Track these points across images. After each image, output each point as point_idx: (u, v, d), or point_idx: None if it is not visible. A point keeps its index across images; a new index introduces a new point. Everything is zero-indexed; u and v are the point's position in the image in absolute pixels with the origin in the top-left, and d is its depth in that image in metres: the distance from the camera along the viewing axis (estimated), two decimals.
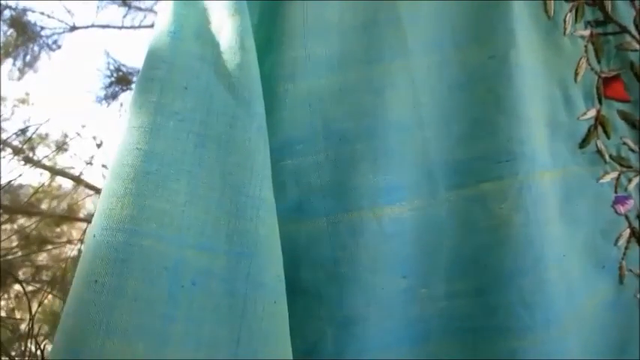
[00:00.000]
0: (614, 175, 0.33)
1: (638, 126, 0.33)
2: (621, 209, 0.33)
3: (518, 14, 0.32)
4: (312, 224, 0.30)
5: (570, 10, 0.33)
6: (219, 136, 0.26)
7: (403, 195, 0.30)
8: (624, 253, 0.34)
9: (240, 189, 0.25)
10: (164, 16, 0.28)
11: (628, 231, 0.34)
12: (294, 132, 0.30)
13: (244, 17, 0.28)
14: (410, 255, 0.30)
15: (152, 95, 0.26)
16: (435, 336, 0.30)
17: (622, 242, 0.34)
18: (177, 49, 0.27)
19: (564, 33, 0.33)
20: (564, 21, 0.33)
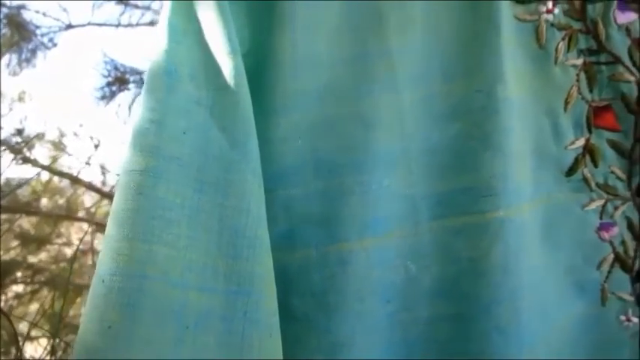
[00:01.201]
0: (600, 202, 0.34)
1: (627, 155, 0.33)
2: (605, 235, 0.34)
3: (507, 45, 0.32)
4: (302, 253, 0.32)
5: (563, 39, 0.33)
6: (217, 181, 0.28)
7: (389, 226, 0.32)
8: (607, 277, 0.35)
9: (237, 231, 0.27)
10: (159, 52, 0.29)
11: (612, 256, 0.34)
12: (285, 163, 0.32)
13: (237, 57, 0.29)
14: (394, 281, 0.32)
15: (152, 138, 0.27)
16: (417, 357, 0.32)
17: (605, 267, 0.35)
18: (175, 91, 0.28)
19: (555, 62, 0.33)
20: (556, 49, 0.33)
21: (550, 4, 0.32)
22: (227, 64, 0.29)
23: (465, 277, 0.31)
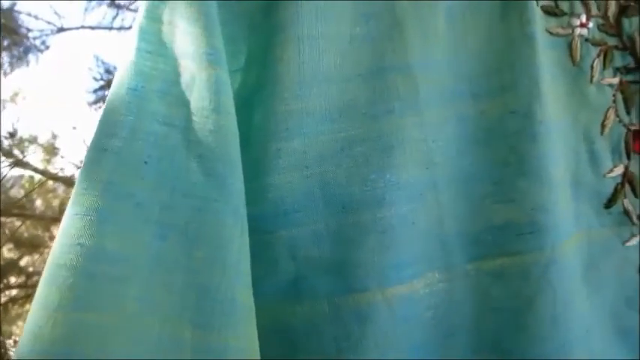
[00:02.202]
0: None
1: None
2: None
3: (542, 60, 0.28)
4: (310, 307, 0.26)
5: (598, 56, 0.29)
6: (185, 225, 0.22)
7: (415, 271, 0.27)
8: None
9: (207, 292, 0.21)
10: (124, 69, 0.24)
11: None
12: (289, 198, 0.26)
13: (221, 71, 0.24)
14: (424, 339, 0.26)
15: (103, 172, 0.21)
16: None
17: None
18: (139, 111, 0.23)
19: (591, 81, 0.29)
20: (591, 67, 0.29)
21: (584, 18, 0.29)
22: (207, 77, 0.23)
23: (506, 330, 0.26)
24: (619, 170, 0.30)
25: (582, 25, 0.29)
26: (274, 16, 0.26)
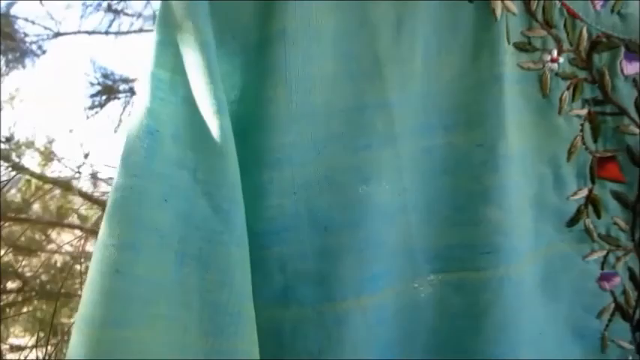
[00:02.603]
0: (602, 253, 0.33)
1: (631, 207, 0.33)
2: (607, 285, 0.34)
3: (509, 95, 0.30)
4: (297, 312, 0.31)
5: (568, 88, 0.31)
6: (198, 253, 0.26)
7: (386, 281, 0.31)
8: (607, 325, 0.34)
9: (218, 307, 0.26)
10: (141, 112, 0.28)
11: (612, 305, 0.34)
12: (280, 219, 0.31)
13: (224, 118, 0.28)
14: (391, 341, 0.31)
15: (131, 207, 0.26)
16: None
17: (605, 315, 0.34)
18: (156, 153, 0.27)
19: (560, 112, 0.32)
20: (560, 99, 0.31)
21: (555, 53, 0.31)
22: (214, 123, 0.27)
23: (463, 333, 0.31)
24: (583, 193, 0.33)
25: (553, 60, 0.31)
26: (265, 58, 0.30)
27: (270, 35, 0.29)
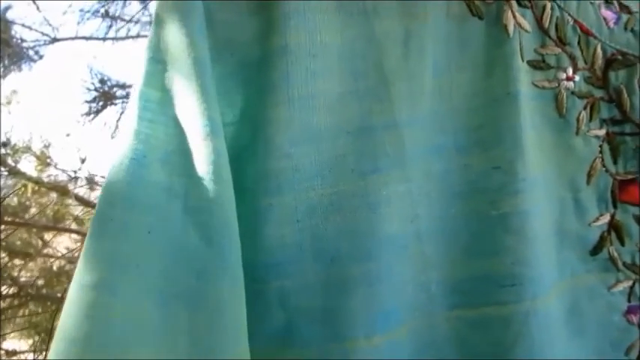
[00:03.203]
0: (628, 283, 0.31)
1: None
2: (634, 319, 0.31)
3: (526, 115, 0.29)
4: (300, 353, 0.28)
5: (584, 108, 0.30)
6: (187, 292, 0.23)
7: (400, 318, 0.28)
8: None
9: (209, 352, 0.23)
10: (127, 136, 0.25)
11: None
12: (280, 251, 0.28)
13: (218, 141, 0.25)
14: None
15: (109, 241, 0.23)
16: None
17: (634, 352, 0.31)
18: (142, 180, 0.24)
19: (577, 132, 0.30)
20: (577, 119, 0.30)
21: (570, 71, 0.29)
22: (207, 147, 0.25)
23: None
24: (605, 219, 0.31)
25: (569, 79, 0.30)
26: (266, 75, 0.28)
27: (271, 52, 0.28)
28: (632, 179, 0.30)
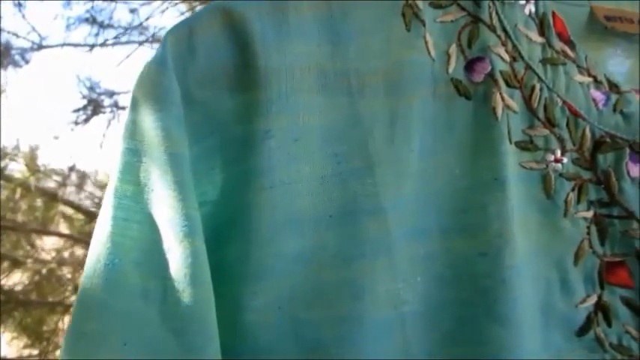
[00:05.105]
0: None
1: None
2: None
3: (513, 197, 0.28)
4: None
5: (572, 190, 0.29)
6: None
7: None
8: None
9: None
10: (100, 240, 0.25)
11: None
12: (263, 337, 0.27)
13: (197, 241, 0.24)
14: None
15: (84, 357, 0.22)
16: None
17: None
18: (115, 289, 0.24)
19: (565, 215, 0.30)
20: (565, 202, 0.29)
21: (559, 153, 0.29)
22: (184, 248, 0.24)
23: None
24: (592, 300, 0.30)
25: (557, 161, 0.29)
26: (247, 159, 0.27)
27: (253, 135, 0.27)
28: (620, 262, 0.30)
